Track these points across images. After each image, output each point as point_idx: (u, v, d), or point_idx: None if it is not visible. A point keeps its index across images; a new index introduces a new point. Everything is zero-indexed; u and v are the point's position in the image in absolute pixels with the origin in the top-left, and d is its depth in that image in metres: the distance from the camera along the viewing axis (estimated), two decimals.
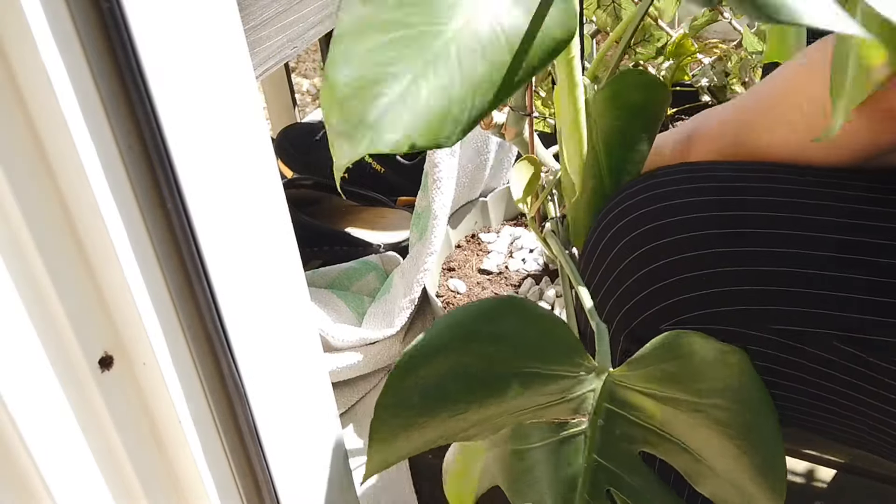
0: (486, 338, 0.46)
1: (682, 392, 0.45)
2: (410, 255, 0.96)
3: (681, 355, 0.44)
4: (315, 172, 1.24)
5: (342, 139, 0.38)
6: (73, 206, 0.38)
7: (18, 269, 0.37)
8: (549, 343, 0.47)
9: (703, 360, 0.44)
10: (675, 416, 0.46)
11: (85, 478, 0.42)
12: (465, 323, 0.46)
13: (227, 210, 0.43)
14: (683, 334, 0.44)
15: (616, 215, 0.55)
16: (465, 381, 0.46)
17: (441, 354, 0.46)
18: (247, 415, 0.48)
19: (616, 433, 0.48)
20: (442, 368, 0.46)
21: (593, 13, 1.10)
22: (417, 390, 0.46)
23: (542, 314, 0.46)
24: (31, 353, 0.38)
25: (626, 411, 0.48)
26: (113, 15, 0.35)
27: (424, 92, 0.38)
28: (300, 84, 2.12)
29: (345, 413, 0.92)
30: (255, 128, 0.44)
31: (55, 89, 0.34)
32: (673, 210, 0.52)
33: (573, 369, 0.47)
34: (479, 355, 0.46)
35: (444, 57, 0.39)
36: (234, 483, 0.50)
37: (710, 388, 0.44)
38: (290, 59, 0.70)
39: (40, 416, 0.38)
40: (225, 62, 0.41)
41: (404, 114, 0.38)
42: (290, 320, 0.51)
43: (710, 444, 0.45)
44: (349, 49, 0.38)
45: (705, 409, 0.44)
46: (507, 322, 0.46)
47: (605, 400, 0.48)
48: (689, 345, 0.44)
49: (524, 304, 0.46)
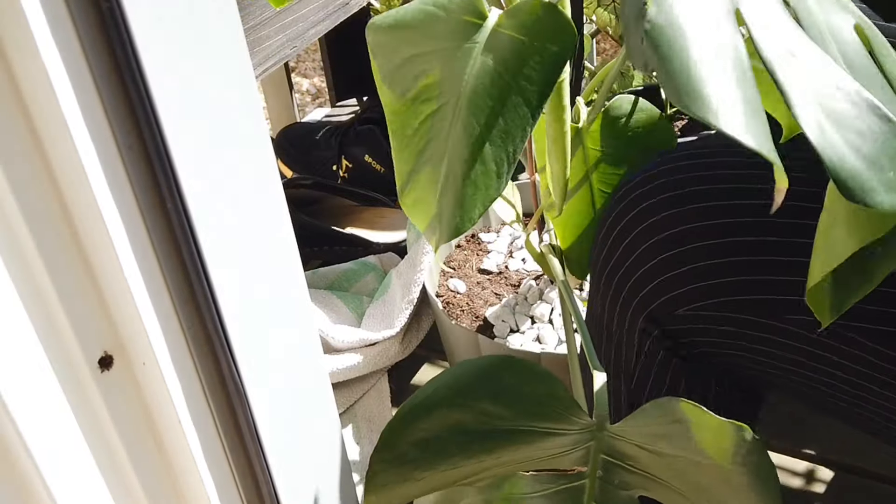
0: (483, 396, 0.46)
1: (679, 450, 0.45)
2: (408, 256, 0.96)
3: (674, 420, 0.44)
4: (315, 172, 1.24)
5: (428, 233, 0.46)
6: (73, 206, 0.38)
7: (18, 270, 0.36)
8: (546, 401, 0.47)
9: (699, 426, 0.43)
10: (672, 467, 0.46)
11: (84, 478, 0.42)
12: (463, 380, 0.47)
13: (226, 210, 0.43)
14: (676, 401, 0.44)
15: (634, 199, 0.55)
16: (462, 437, 0.46)
17: (438, 410, 0.46)
18: (247, 415, 0.48)
19: (615, 482, 0.49)
20: (440, 424, 0.46)
21: (593, 12, 1.10)
22: (415, 445, 0.46)
23: (538, 372, 0.47)
24: (31, 352, 0.38)
25: (623, 462, 0.48)
26: (113, 15, 0.34)
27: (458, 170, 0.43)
28: (300, 84, 2.12)
29: (344, 413, 0.92)
30: (255, 128, 0.44)
31: (55, 89, 0.34)
32: (691, 197, 0.53)
33: (570, 427, 0.47)
34: (477, 413, 0.46)
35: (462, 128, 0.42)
36: (234, 483, 0.50)
37: (705, 450, 0.44)
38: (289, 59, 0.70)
39: (40, 415, 0.38)
40: (225, 62, 0.41)
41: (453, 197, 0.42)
42: (290, 320, 0.51)
43: (706, 489, 0.46)
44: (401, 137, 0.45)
45: (703, 465, 0.44)
46: (504, 381, 0.47)
47: (604, 453, 0.48)
48: (685, 412, 0.44)
49: (521, 363, 0.47)
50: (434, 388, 0.46)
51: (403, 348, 0.96)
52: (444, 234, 0.43)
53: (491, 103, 0.40)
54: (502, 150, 0.40)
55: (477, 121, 0.40)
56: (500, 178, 0.40)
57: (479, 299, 0.91)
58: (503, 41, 0.41)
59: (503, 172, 0.41)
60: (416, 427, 0.46)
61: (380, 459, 0.47)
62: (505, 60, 0.40)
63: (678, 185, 0.54)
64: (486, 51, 0.41)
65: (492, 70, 0.41)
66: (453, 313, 0.89)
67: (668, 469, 0.46)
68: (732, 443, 0.42)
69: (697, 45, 0.32)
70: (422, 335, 1.00)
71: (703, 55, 0.31)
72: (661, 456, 0.46)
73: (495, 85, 0.40)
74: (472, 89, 0.41)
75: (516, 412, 0.46)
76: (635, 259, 0.54)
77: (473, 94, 0.41)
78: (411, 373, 1.01)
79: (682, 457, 0.45)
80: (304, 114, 1.65)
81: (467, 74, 0.41)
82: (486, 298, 0.91)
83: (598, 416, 0.48)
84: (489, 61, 0.41)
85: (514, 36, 0.41)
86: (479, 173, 0.40)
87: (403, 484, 0.47)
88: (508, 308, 0.89)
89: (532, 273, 0.95)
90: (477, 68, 0.41)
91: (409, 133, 0.44)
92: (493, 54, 0.41)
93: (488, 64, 0.41)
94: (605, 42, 1.97)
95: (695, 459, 0.44)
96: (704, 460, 0.44)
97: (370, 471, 0.47)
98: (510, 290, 0.92)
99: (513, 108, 0.40)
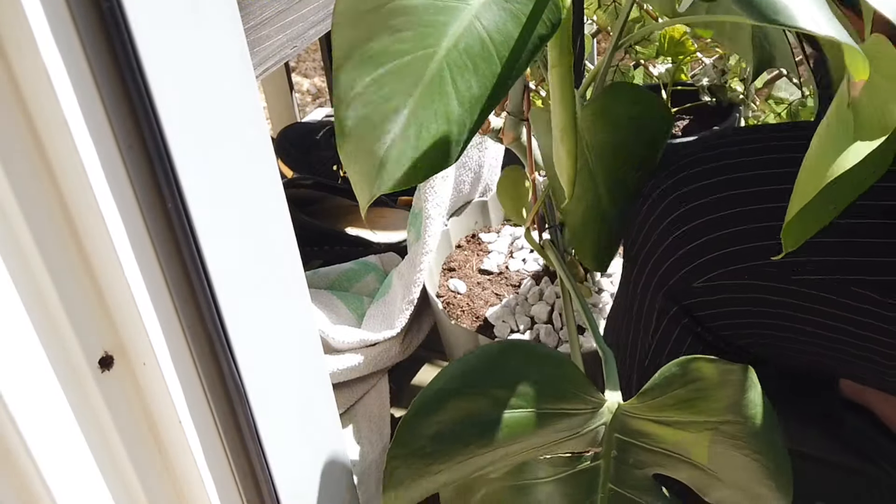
0: (494, 383, 0.46)
1: (692, 415, 0.45)
2: (408, 256, 0.96)
3: (688, 381, 0.45)
4: (315, 172, 1.24)
5: (361, 181, 0.40)
6: (73, 206, 0.38)
7: (18, 269, 0.36)
8: (558, 382, 0.47)
9: (710, 382, 0.44)
10: (686, 437, 0.46)
11: (85, 478, 0.42)
12: (474, 367, 0.47)
13: (227, 210, 0.43)
14: (690, 360, 0.45)
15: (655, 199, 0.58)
16: (477, 426, 0.46)
17: (451, 401, 0.46)
18: (247, 415, 0.48)
19: (629, 462, 0.49)
20: (453, 415, 0.46)
21: (594, 13, 1.10)
22: (430, 438, 0.46)
23: (547, 354, 0.47)
24: (32, 352, 0.38)
25: (637, 440, 0.49)
26: (113, 15, 0.34)
27: (424, 121, 0.39)
28: (300, 84, 2.12)
29: (344, 413, 0.92)
30: (255, 127, 0.44)
31: (55, 89, 0.34)
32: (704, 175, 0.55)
33: (583, 406, 0.48)
34: (490, 399, 0.46)
35: (439, 82, 0.39)
36: (234, 483, 0.50)
37: (717, 406, 0.44)
38: (290, 59, 0.70)
39: (40, 415, 0.38)
40: (225, 62, 0.41)
41: (408, 150, 0.39)
42: (290, 320, 0.51)
43: (720, 457, 0.46)
44: (350, 83, 0.39)
45: (715, 427, 0.45)
46: (516, 365, 0.47)
47: (618, 432, 0.49)
48: (697, 369, 0.45)
49: (527, 346, 0.47)
50: (444, 379, 0.46)
51: (404, 349, 0.96)
52: (384, 184, 0.40)
53: (470, 66, 0.40)
54: (467, 115, 0.40)
55: (452, 77, 0.40)
56: (458, 144, 0.39)
57: (479, 300, 0.91)
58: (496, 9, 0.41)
59: (462, 140, 0.40)
60: (431, 420, 0.46)
61: (396, 456, 0.47)
62: (496, 28, 0.40)
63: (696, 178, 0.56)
64: (477, 13, 0.40)
65: (479, 34, 0.40)
66: (454, 314, 0.89)
67: (683, 441, 0.47)
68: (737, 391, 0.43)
69: None
70: (422, 336, 1.00)
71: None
72: (675, 426, 0.46)
73: (480, 49, 0.40)
74: (452, 45, 0.40)
75: (528, 396, 0.46)
76: (655, 240, 0.56)
77: (453, 51, 0.40)
78: (411, 373, 1.00)
79: (697, 422, 0.45)
80: (304, 114, 1.65)
81: (450, 31, 0.40)
82: (487, 299, 0.91)
83: (609, 395, 0.48)
84: (478, 24, 0.40)
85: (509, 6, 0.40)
86: (441, 132, 0.39)
87: (421, 479, 0.47)
88: (509, 308, 0.89)
89: (532, 273, 0.95)
90: (463, 28, 0.40)
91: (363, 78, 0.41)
92: (485, 19, 0.40)
93: (476, 27, 0.40)
94: (606, 42, 1.97)
95: (707, 421, 0.44)
96: (715, 419, 0.44)
97: (387, 468, 0.47)
98: (510, 291, 0.92)
99: (491, 77, 0.40)
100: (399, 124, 0.39)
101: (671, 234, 0.55)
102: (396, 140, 0.39)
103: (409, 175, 0.39)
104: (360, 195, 0.40)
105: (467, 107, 0.39)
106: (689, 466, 0.48)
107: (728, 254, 0.53)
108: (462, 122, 0.39)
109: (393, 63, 0.39)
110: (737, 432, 0.45)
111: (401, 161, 0.39)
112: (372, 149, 0.39)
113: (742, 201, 0.53)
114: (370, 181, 0.39)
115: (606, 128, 0.59)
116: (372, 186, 0.39)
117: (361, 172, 0.40)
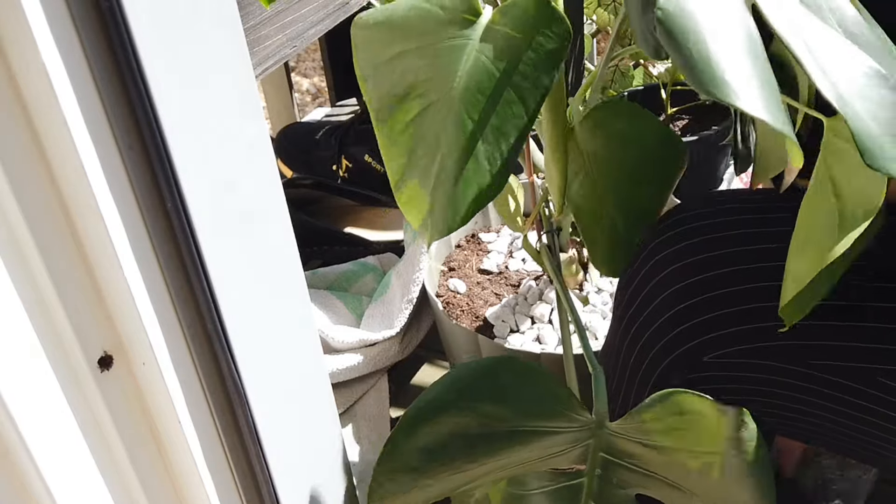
0: (484, 397, 0.46)
1: (680, 443, 0.45)
2: (405, 256, 0.96)
3: (680, 412, 0.44)
4: (315, 172, 1.24)
5: (421, 229, 0.44)
6: (73, 206, 0.38)
7: (18, 269, 0.36)
8: (546, 400, 0.47)
9: (702, 416, 0.44)
10: (670, 461, 0.46)
11: (84, 478, 0.42)
12: (464, 383, 0.47)
13: (227, 210, 0.43)
14: (684, 394, 0.44)
15: (653, 248, 0.56)
16: (465, 441, 0.46)
17: (442, 416, 0.46)
18: (246, 415, 0.48)
19: (613, 481, 0.49)
20: (442, 429, 0.46)
21: (594, 12, 1.10)
22: (418, 453, 0.46)
23: (537, 371, 0.47)
24: (31, 352, 0.38)
25: (622, 459, 0.48)
26: (113, 15, 0.34)
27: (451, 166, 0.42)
28: (300, 83, 2.12)
29: (344, 413, 0.92)
30: (255, 127, 0.44)
31: (55, 89, 0.34)
32: (713, 244, 0.53)
33: (570, 424, 0.47)
34: (479, 415, 0.46)
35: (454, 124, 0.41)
36: (234, 483, 0.50)
37: (708, 439, 0.44)
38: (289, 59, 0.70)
39: (40, 415, 0.38)
40: (224, 61, 0.41)
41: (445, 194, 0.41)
42: (289, 320, 0.51)
43: (706, 486, 0.46)
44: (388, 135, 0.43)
45: (703, 458, 0.45)
46: (504, 381, 0.47)
47: (603, 451, 0.48)
48: (689, 403, 0.44)
49: (519, 363, 0.47)
50: (435, 392, 0.46)
51: (403, 348, 0.96)
52: (435, 231, 0.42)
53: (484, 100, 0.40)
54: (495, 149, 0.40)
55: (470, 117, 0.40)
56: (493, 177, 0.40)
57: (479, 299, 0.91)
58: (498, 38, 0.41)
59: (497, 172, 0.40)
60: (422, 433, 0.46)
61: (384, 470, 0.47)
62: (500, 57, 0.40)
63: (697, 232, 0.54)
64: (480, 47, 0.41)
65: (486, 66, 0.41)
66: (453, 313, 0.89)
67: (667, 464, 0.46)
68: (731, 429, 0.42)
69: (710, 29, 0.33)
70: (422, 335, 1.00)
71: (716, 39, 0.33)
72: (661, 451, 0.46)
73: (489, 81, 0.40)
74: (464, 85, 0.41)
75: (517, 412, 0.46)
76: (657, 306, 0.54)
77: (466, 91, 0.40)
78: (411, 373, 1.00)
79: (682, 449, 0.45)
80: (304, 114, 1.65)
81: (460, 71, 0.41)
82: (486, 298, 0.91)
83: (597, 414, 0.48)
84: (483, 58, 0.41)
85: (508, 33, 0.41)
86: (472, 171, 0.40)
87: (408, 493, 0.47)
88: (508, 308, 0.89)
89: (532, 273, 0.95)
90: (470, 65, 0.41)
91: (398, 129, 0.43)
92: (488, 51, 0.41)
93: (482, 60, 0.41)
94: (606, 42, 1.97)
95: (695, 450, 0.44)
96: (705, 450, 0.44)
97: (374, 482, 0.47)
98: (510, 291, 0.92)
99: (507, 106, 0.40)
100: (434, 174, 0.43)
101: (680, 303, 0.53)
102: (437, 189, 0.43)
103: (451, 221, 0.42)
104: (425, 239, 0.44)
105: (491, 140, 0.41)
106: (673, 489, 0.48)
107: (745, 331, 0.51)
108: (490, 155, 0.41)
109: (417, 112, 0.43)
110: (726, 467, 0.44)
111: (442, 208, 0.43)
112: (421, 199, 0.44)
113: (756, 276, 0.51)
114: (426, 228, 0.43)
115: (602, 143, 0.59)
116: (429, 236, 0.43)
117: (416, 220, 0.44)
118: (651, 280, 0.55)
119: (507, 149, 0.40)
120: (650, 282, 0.55)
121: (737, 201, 0.56)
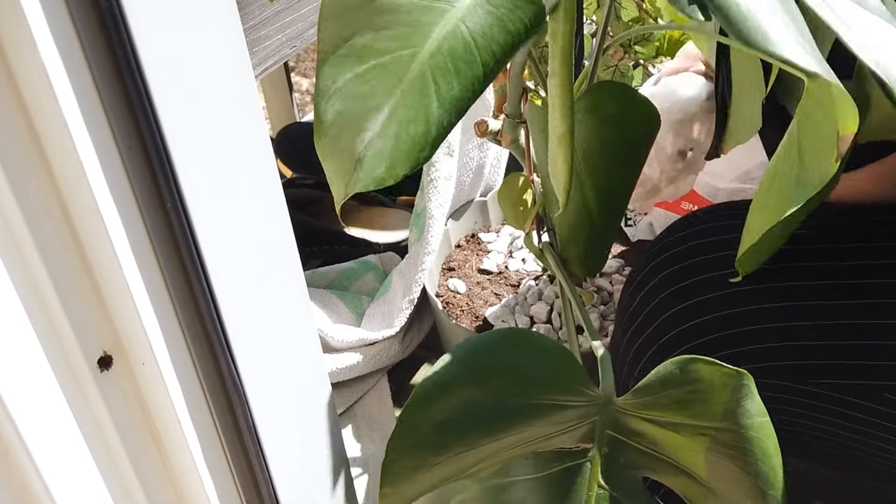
0: (496, 370, 0.46)
1: (686, 417, 0.45)
2: (409, 255, 0.96)
3: (686, 381, 0.44)
4: (315, 172, 1.24)
5: (336, 177, 0.40)
6: (72, 206, 0.38)
7: (18, 269, 0.36)
8: (557, 374, 0.47)
9: (709, 385, 0.44)
10: (678, 440, 0.46)
11: (84, 478, 0.42)
12: (476, 354, 0.47)
13: (226, 210, 0.43)
14: (689, 360, 0.44)
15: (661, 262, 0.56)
16: (477, 414, 0.46)
17: (454, 388, 0.46)
18: (246, 415, 0.48)
19: (620, 461, 0.49)
20: (455, 403, 0.46)
21: (593, 13, 1.10)
22: (431, 426, 0.46)
23: (548, 345, 0.47)
24: (31, 352, 0.38)
25: (629, 438, 0.48)
26: (113, 15, 0.34)
27: (404, 121, 0.39)
28: (300, 83, 2.12)
29: (344, 413, 0.92)
30: (255, 127, 0.44)
31: (55, 89, 0.34)
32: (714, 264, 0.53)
33: (580, 399, 0.47)
34: (491, 388, 0.46)
35: (421, 82, 0.39)
36: (234, 483, 0.50)
37: (713, 411, 0.44)
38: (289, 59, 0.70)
39: (39, 415, 0.38)
40: (224, 62, 0.41)
41: (386, 149, 0.39)
42: (289, 320, 0.51)
43: (711, 466, 0.46)
44: (332, 77, 0.40)
45: (708, 433, 0.44)
46: (516, 354, 0.47)
47: (610, 428, 0.48)
48: (696, 370, 0.44)
49: (531, 335, 0.47)
50: (445, 366, 0.46)
51: (403, 348, 0.96)
52: (360, 182, 0.40)
53: (452, 67, 0.40)
54: (446, 116, 0.40)
55: (434, 80, 0.40)
56: (433, 146, 0.40)
57: (478, 299, 0.91)
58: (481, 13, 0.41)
59: (438, 141, 0.40)
60: (436, 407, 0.46)
61: (398, 445, 0.46)
62: (482, 32, 0.40)
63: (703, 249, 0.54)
64: (463, 16, 0.41)
65: (465, 37, 0.40)
66: (453, 313, 0.90)
67: (676, 444, 0.46)
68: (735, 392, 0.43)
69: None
70: (422, 335, 1.00)
71: None
72: (670, 427, 0.46)
73: (465, 52, 0.40)
74: (437, 48, 0.40)
75: (528, 385, 0.46)
76: (654, 330, 0.54)
77: (438, 54, 0.40)
78: (411, 373, 1.00)
79: (692, 425, 0.45)
80: (304, 114, 1.65)
81: (435, 34, 0.40)
82: (486, 298, 0.91)
83: (604, 391, 0.48)
84: (464, 27, 0.40)
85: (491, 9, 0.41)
86: (420, 132, 0.40)
87: (417, 471, 0.47)
88: (508, 308, 0.89)
89: (532, 273, 0.95)
90: (449, 29, 0.40)
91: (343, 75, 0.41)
92: (470, 22, 0.40)
93: (462, 29, 0.40)
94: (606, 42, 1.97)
95: (705, 426, 0.44)
96: (716, 425, 0.44)
97: (387, 459, 0.47)
98: (510, 290, 0.92)
99: (472, 79, 0.40)
100: (379, 123, 0.39)
101: (677, 326, 0.53)
102: (375, 139, 0.39)
103: (386, 174, 0.39)
104: (335, 191, 0.40)
105: (447, 107, 0.40)
106: (682, 474, 0.48)
107: (742, 353, 0.51)
108: (441, 122, 0.40)
109: (376, 60, 0.40)
110: (731, 441, 0.44)
111: (378, 160, 0.39)
112: (350, 146, 0.39)
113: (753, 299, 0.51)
114: (346, 178, 0.40)
115: (591, 126, 0.59)
116: (347, 184, 0.39)
117: (338, 169, 0.40)
118: (655, 276, 0.56)
119: (454, 119, 0.40)
120: (654, 278, 0.56)
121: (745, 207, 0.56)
